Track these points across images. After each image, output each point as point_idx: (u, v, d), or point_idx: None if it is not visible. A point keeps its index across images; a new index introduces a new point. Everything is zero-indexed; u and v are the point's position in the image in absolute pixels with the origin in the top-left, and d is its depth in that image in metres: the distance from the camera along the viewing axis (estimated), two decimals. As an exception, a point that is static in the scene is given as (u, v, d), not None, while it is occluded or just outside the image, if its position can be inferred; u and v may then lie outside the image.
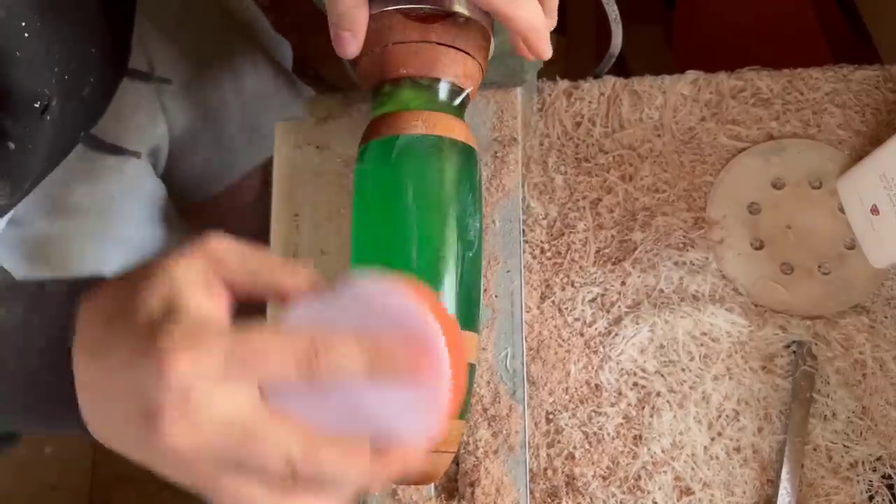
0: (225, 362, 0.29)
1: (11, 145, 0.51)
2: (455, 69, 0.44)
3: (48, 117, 0.53)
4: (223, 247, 0.33)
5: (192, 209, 0.86)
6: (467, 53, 0.44)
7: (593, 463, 0.54)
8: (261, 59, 0.81)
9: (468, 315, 0.43)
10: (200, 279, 0.31)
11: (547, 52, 0.42)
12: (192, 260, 0.32)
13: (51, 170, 0.60)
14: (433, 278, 0.42)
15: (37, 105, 0.51)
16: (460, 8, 0.42)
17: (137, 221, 0.72)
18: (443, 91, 0.44)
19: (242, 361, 0.29)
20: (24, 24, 0.47)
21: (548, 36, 0.41)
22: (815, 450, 0.53)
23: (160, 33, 0.73)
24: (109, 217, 0.69)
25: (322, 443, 0.30)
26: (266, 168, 0.85)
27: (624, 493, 0.53)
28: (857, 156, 0.57)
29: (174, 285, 0.31)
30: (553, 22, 0.42)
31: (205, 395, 0.29)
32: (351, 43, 0.41)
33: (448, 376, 0.31)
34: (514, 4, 0.39)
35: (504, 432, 0.52)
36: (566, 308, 0.57)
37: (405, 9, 0.42)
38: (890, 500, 0.52)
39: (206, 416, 0.29)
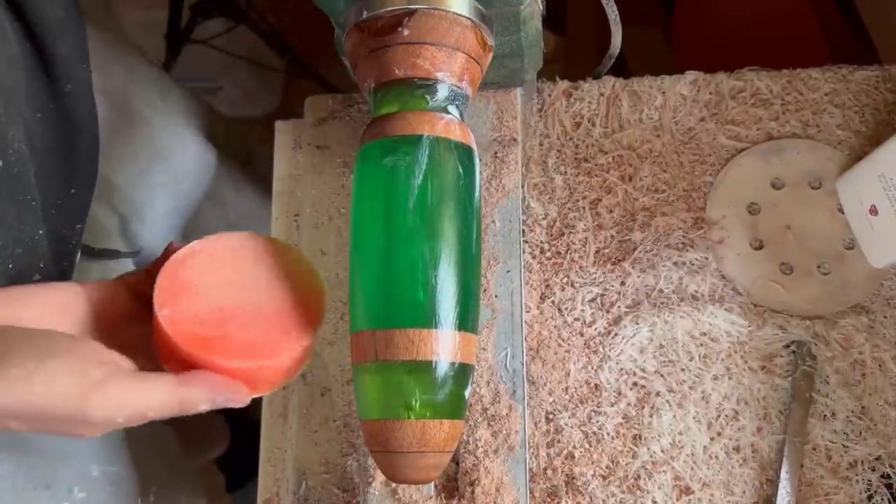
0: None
1: None
2: (454, 70, 0.44)
3: None
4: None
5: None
6: (467, 54, 0.44)
7: (593, 462, 0.54)
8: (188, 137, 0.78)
9: (467, 316, 0.43)
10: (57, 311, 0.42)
11: None
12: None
13: None
14: (431, 279, 0.42)
15: None
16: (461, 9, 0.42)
17: None
18: (442, 92, 0.44)
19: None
20: None
21: None
22: (814, 449, 0.53)
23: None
24: None
25: None
26: None
27: (623, 492, 0.53)
28: (857, 156, 0.57)
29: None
30: None
31: None
32: None
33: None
34: None
35: (504, 432, 0.52)
36: (566, 308, 0.57)
37: (407, 9, 0.42)
38: (889, 500, 0.52)
39: None
